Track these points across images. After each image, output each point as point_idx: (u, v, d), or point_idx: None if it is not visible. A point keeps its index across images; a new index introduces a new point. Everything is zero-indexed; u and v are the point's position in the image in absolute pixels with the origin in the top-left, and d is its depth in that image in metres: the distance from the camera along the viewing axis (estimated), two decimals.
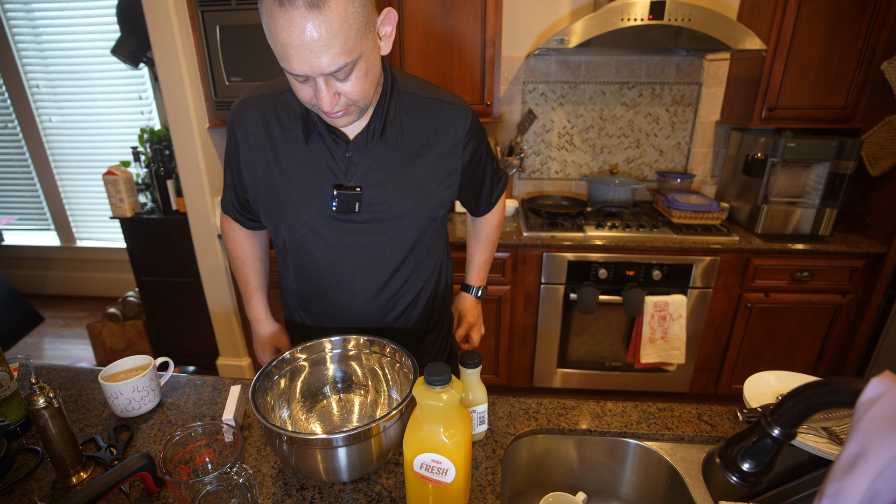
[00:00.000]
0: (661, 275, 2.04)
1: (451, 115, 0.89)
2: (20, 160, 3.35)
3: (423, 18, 1.98)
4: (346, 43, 0.65)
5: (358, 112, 0.78)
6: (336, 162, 0.85)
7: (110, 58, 2.87)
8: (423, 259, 0.97)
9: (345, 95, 0.72)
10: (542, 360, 2.27)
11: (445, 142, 0.89)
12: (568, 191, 2.60)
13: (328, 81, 0.69)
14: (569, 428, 0.89)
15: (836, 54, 1.93)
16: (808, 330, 2.13)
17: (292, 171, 0.87)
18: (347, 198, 0.85)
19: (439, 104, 0.88)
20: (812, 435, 0.76)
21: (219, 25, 1.93)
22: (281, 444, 0.67)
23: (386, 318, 0.97)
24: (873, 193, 2.07)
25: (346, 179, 0.85)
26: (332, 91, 0.70)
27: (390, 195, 0.87)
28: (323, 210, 0.87)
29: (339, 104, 0.73)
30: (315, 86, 0.69)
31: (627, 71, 2.35)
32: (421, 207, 0.89)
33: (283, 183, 0.87)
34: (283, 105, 0.87)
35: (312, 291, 0.96)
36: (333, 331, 0.94)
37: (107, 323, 2.56)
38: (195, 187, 2.15)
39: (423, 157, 0.88)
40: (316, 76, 0.67)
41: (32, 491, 0.76)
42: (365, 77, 0.72)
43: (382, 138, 0.84)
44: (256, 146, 0.88)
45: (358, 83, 0.71)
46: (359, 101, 0.74)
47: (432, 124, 0.88)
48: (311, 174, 0.86)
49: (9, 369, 0.87)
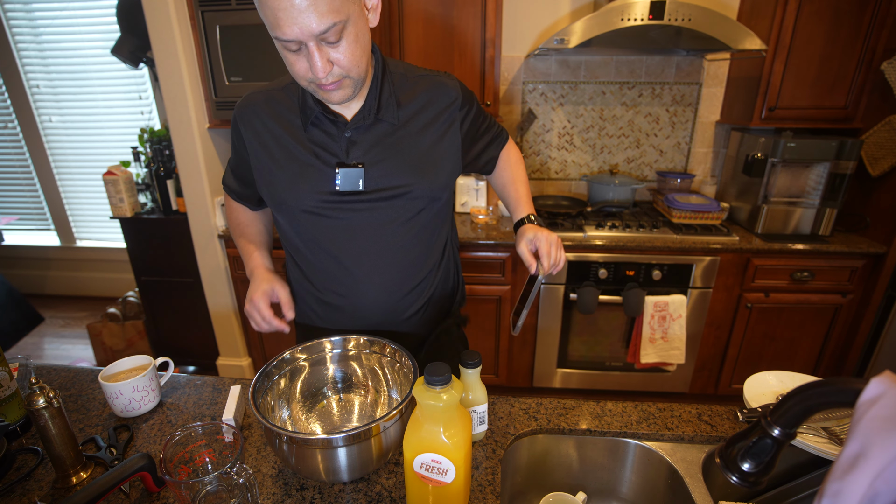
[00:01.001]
0: (661, 275, 2.04)
1: (441, 89, 0.92)
2: (20, 160, 3.35)
3: (423, 18, 1.98)
4: (332, 2, 0.67)
5: (352, 85, 0.80)
6: (336, 143, 0.88)
7: (110, 58, 2.87)
8: (432, 246, 0.98)
9: (337, 64, 0.74)
10: (542, 360, 2.27)
11: (441, 115, 0.92)
12: (568, 191, 2.60)
13: (320, 47, 0.71)
14: (569, 428, 0.89)
15: (836, 54, 1.93)
16: (807, 330, 2.13)
17: (294, 157, 0.89)
18: (350, 175, 0.87)
19: (429, 80, 0.92)
20: (812, 435, 0.76)
21: (219, 25, 1.93)
22: (281, 444, 0.67)
23: (398, 307, 0.97)
24: (873, 193, 2.07)
25: (347, 158, 0.87)
26: (325, 58, 0.73)
27: (393, 172, 0.88)
28: (328, 189, 0.88)
29: (333, 73, 0.75)
30: (308, 55, 0.72)
31: (627, 71, 2.35)
32: (425, 183, 0.90)
33: (287, 170, 0.89)
34: (283, 97, 0.90)
35: (327, 279, 0.96)
36: (338, 332, 0.94)
37: (107, 323, 2.56)
38: (195, 187, 2.15)
39: (422, 133, 0.90)
40: (306, 39, 0.69)
41: (32, 491, 0.76)
42: (355, 43, 0.74)
43: (379, 116, 0.87)
44: (259, 139, 0.91)
45: (349, 49, 0.73)
46: (351, 71, 0.76)
47: (425, 99, 0.91)
48: (312, 158, 0.88)
49: (9, 369, 0.87)
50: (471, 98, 0.98)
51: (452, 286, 1.09)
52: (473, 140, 1.00)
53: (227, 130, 2.24)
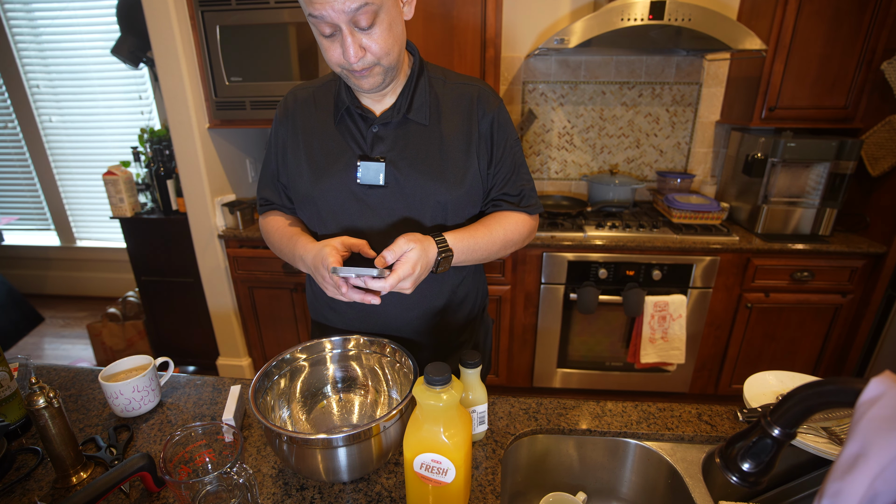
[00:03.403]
0: (661, 275, 2.04)
1: (477, 98, 0.91)
2: (20, 160, 3.35)
3: (422, 18, 1.98)
4: None
5: (382, 73, 0.81)
6: (363, 136, 0.89)
7: (110, 58, 2.87)
8: None
9: (369, 51, 0.76)
10: (542, 360, 2.27)
11: (472, 123, 0.91)
12: (568, 191, 2.60)
13: (353, 32, 0.73)
14: (569, 428, 0.89)
15: (836, 54, 1.93)
16: (808, 330, 2.13)
17: (322, 149, 0.90)
18: (371, 168, 0.87)
19: (467, 87, 0.92)
20: (812, 435, 0.76)
21: (219, 25, 1.93)
22: (281, 444, 0.67)
23: (417, 310, 0.96)
24: (873, 193, 2.07)
25: (371, 152, 0.88)
26: (357, 44, 0.74)
27: (415, 171, 0.88)
28: (350, 182, 0.88)
29: (365, 60, 0.76)
30: (342, 39, 0.74)
31: (627, 71, 2.35)
32: (446, 187, 0.89)
33: (315, 162, 0.90)
34: (321, 92, 0.94)
35: None
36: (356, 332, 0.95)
37: (107, 323, 2.56)
38: (195, 187, 2.15)
39: (451, 139, 0.90)
40: (339, 20, 0.71)
41: (32, 491, 0.76)
42: (388, 31, 0.76)
43: (408, 115, 0.88)
44: (295, 132, 0.93)
45: (381, 36, 0.75)
46: (382, 59, 0.78)
47: (459, 106, 0.91)
48: (337, 150, 0.89)
49: (9, 369, 0.87)
50: (508, 121, 0.94)
51: (474, 291, 1.06)
52: (501, 162, 0.94)
53: (227, 130, 2.24)
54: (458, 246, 0.85)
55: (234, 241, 2.18)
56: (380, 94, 0.89)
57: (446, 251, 0.83)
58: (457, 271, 0.98)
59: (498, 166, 0.94)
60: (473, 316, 1.07)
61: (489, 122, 0.92)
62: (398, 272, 0.76)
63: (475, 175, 0.92)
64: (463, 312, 1.03)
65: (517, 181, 0.96)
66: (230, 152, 2.31)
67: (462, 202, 0.91)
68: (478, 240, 0.89)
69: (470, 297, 1.04)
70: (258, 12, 1.90)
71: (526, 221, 0.98)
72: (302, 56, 1.96)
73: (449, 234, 0.86)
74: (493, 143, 0.93)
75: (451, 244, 0.84)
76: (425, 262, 0.79)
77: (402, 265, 0.76)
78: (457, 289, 0.99)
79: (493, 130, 0.92)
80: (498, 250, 0.93)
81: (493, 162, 0.94)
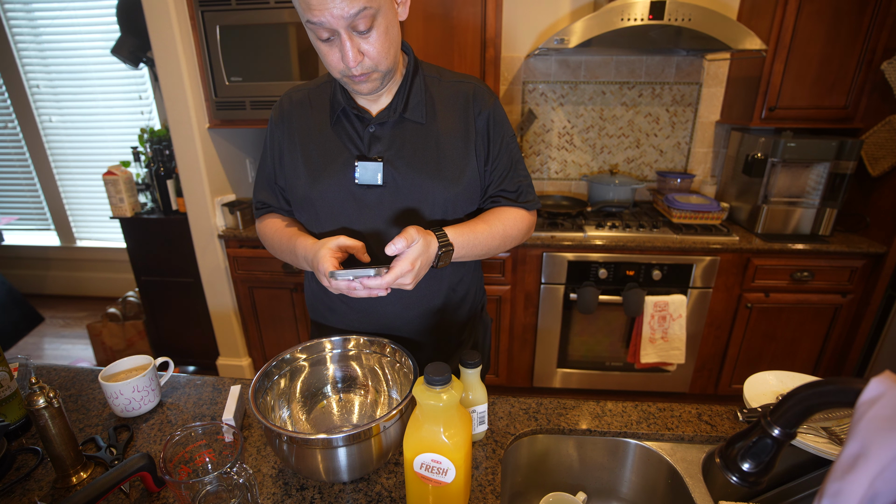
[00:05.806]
0: (661, 275, 2.04)
1: (473, 95, 0.92)
2: (20, 160, 3.35)
3: (423, 18, 1.98)
4: None
5: (380, 78, 0.81)
6: (360, 137, 0.89)
7: (110, 58, 2.87)
8: None
9: (367, 55, 0.77)
10: (542, 360, 2.27)
11: (469, 121, 0.91)
12: (568, 191, 2.60)
13: (350, 36, 0.73)
14: (569, 428, 0.89)
15: (836, 54, 1.93)
16: (808, 330, 2.13)
17: (319, 151, 0.91)
18: (369, 168, 0.87)
19: (462, 85, 0.92)
20: (812, 435, 0.76)
21: (219, 25, 1.93)
22: (281, 444, 0.67)
23: (416, 309, 0.96)
24: (873, 193, 2.07)
25: (368, 152, 0.88)
26: (356, 48, 0.75)
27: (412, 170, 0.88)
28: (348, 182, 0.89)
29: (363, 65, 0.77)
30: (340, 44, 0.74)
31: (627, 71, 2.35)
32: (444, 185, 0.89)
33: (312, 163, 0.90)
34: (317, 94, 0.94)
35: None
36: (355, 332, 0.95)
37: (107, 323, 2.56)
38: (195, 187, 2.15)
39: (447, 136, 0.90)
40: (337, 26, 0.71)
41: (32, 491, 0.76)
42: (385, 35, 0.76)
43: (405, 114, 0.88)
44: (290, 133, 0.93)
45: (378, 40, 0.76)
46: (380, 64, 0.78)
47: (455, 104, 0.91)
48: (334, 151, 0.90)
49: (9, 369, 0.87)
50: (504, 118, 0.95)
51: (473, 289, 1.06)
52: (497, 159, 0.95)
53: (227, 130, 2.24)
54: (458, 240, 0.85)
55: (234, 240, 2.18)
56: (376, 95, 0.89)
57: (447, 245, 0.83)
58: (455, 270, 0.98)
59: (495, 163, 0.95)
60: (472, 314, 1.07)
61: (485, 118, 0.92)
62: (396, 270, 0.74)
63: (473, 172, 0.92)
64: (462, 311, 1.03)
65: (514, 177, 0.97)
66: (230, 152, 2.31)
67: (460, 199, 0.92)
68: (477, 234, 0.89)
69: (469, 295, 1.04)
70: (258, 12, 1.90)
71: (524, 217, 0.98)
72: (302, 56, 1.96)
73: (449, 228, 0.86)
74: (489, 139, 0.93)
75: (452, 238, 0.84)
76: (426, 257, 0.78)
77: (400, 262, 0.75)
78: (455, 287, 0.99)
79: (489, 127, 0.93)
80: (497, 245, 0.93)
81: (489, 158, 0.94)
